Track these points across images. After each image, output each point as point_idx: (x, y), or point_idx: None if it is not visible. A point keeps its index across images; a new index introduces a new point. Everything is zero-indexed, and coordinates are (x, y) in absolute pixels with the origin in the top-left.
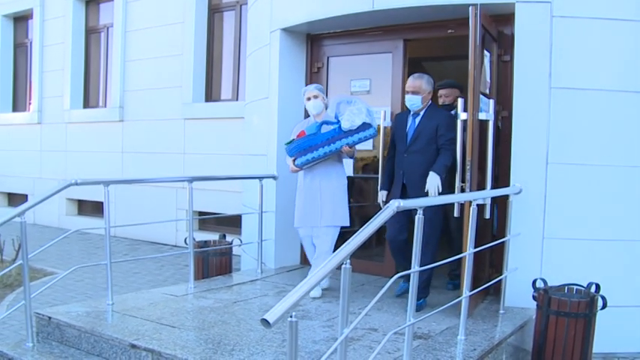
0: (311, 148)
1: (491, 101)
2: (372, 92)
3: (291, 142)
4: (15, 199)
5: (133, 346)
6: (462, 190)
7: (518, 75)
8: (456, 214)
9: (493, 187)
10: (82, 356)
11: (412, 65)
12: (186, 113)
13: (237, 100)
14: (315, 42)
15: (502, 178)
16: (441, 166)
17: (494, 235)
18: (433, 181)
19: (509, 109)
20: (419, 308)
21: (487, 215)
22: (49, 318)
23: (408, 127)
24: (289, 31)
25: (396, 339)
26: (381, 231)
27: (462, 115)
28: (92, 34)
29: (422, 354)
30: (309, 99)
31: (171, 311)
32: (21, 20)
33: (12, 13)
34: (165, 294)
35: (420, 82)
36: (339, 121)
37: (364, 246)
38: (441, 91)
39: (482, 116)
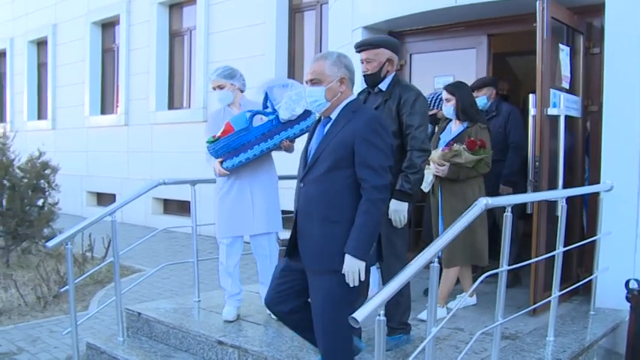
0: (244, 146)
1: (562, 95)
2: None
3: (215, 140)
4: (103, 198)
5: (220, 343)
6: (535, 187)
7: (609, 68)
8: (528, 211)
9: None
10: (171, 351)
11: (497, 60)
12: None
13: None
14: (397, 39)
15: (592, 174)
16: (360, 237)
17: (585, 233)
18: (351, 266)
19: (598, 103)
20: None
21: (558, 212)
22: (139, 314)
23: (312, 139)
24: (371, 29)
25: (483, 339)
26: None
27: (532, 111)
28: (176, 37)
29: (510, 355)
30: (213, 89)
31: (257, 309)
32: (108, 26)
33: (100, 20)
34: (251, 292)
35: (322, 63)
36: (275, 111)
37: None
38: (362, 55)
39: (553, 112)
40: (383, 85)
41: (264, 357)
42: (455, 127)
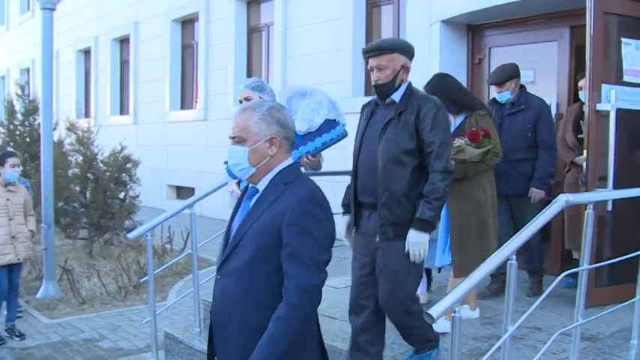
0: None
1: (615, 90)
2: (536, 83)
3: None
4: (183, 191)
5: None
6: (585, 185)
7: None
8: (609, 208)
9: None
10: None
11: (579, 53)
12: (345, 107)
13: None
14: (475, 33)
15: None
16: (267, 352)
17: None
18: None
19: None
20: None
21: (609, 207)
22: None
23: (237, 215)
24: (449, 23)
25: (562, 339)
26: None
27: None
28: (254, 33)
29: (589, 357)
30: (240, 101)
31: (332, 303)
32: (188, 23)
33: (180, 17)
34: (326, 286)
35: (247, 116)
36: None
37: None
38: (371, 61)
39: (604, 107)
40: (396, 96)
41: (338, 351)
42: (453, 121)
